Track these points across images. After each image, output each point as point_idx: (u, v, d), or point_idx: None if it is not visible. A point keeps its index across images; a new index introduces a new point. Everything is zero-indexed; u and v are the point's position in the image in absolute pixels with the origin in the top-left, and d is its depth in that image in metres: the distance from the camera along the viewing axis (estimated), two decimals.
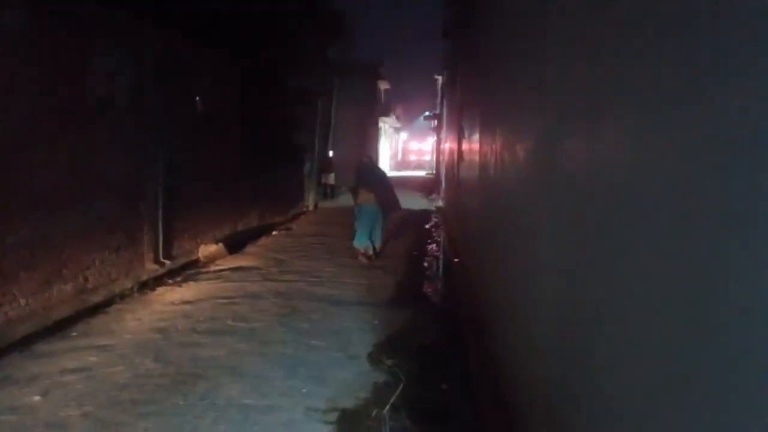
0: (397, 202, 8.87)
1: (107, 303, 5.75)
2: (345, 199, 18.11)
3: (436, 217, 14.33)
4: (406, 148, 50.04)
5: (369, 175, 8.68)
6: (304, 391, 3.87)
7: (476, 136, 6.21)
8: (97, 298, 5.72)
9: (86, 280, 5.79)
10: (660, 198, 1.22)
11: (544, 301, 2.33)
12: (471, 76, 7.51)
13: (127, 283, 6.30)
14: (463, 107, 8.96)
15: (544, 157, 2.41)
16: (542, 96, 2.53)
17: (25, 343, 4.56)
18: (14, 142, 4.72)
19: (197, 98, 8.38)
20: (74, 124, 5.52)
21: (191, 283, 6.89)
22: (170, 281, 6.91)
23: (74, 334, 4.92)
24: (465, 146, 8.18)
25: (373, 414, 3.55)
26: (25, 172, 4.87)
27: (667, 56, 1.21)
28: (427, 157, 45.08)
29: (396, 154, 42.01)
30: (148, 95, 6.85)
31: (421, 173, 38.96)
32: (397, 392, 3.85)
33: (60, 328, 4.96)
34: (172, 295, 6.27)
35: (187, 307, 5.79)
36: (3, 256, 4.64)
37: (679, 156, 1.14)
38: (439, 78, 24.72)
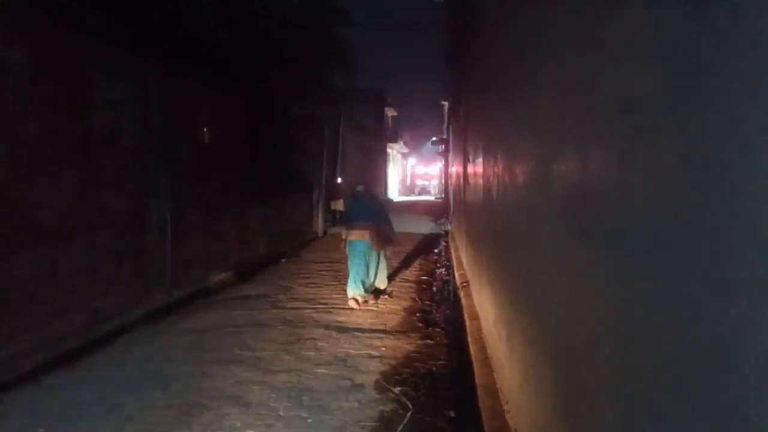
0: (393, 237, 7.78)
1: (116, 334, 5.76)
2: None
3: (444, 242, 14.30)
4: (414, 173, 49.71)
5: (364, 206, 7.53)
6: (309, 420, 3.83)
7: (480, 161, 6.24)
8: (105, 329, 5.73)
9: (95, 311, 5.82)
10: (644, 214, 1.22)
11: (542, 324, 2.31)
12: (473, 103, 7.58)
13: (136, 313, 6.32)
14: (468, 132, 9.02)
15: (541, 180, 2.42)
16: (539, 121, 2.55)
17: (33, 375, 4.56)
18: (20, 176, 4.81)
19: (203, 128, 8.51)
20: (79, 157, 5.62)
21: (200, 312, 6.89)
22: (179, 310, 6.92)
23: (82, 365, 4.92)
24: (470, 170, 8.20)
25: None
26: (31, 205, 4.95)
27: (648, 88, 1.23)
28: (434, 182, 44.67)
29: (405, 179, 42.07)
30: (153, 127, 6.97)
31: (428, 197, 38.68)
32: (404, 421, 3.80)
33: (68, 360, 4.97)
34: (180, 325, 6.27)
35: (195, 336, 5.78)
36: (10, 289, 4.68)
37: (661, 175, 1.15)
38: (446, 103, 24.92)
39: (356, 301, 7.08)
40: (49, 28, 5.19)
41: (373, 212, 7.48)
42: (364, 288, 7.20)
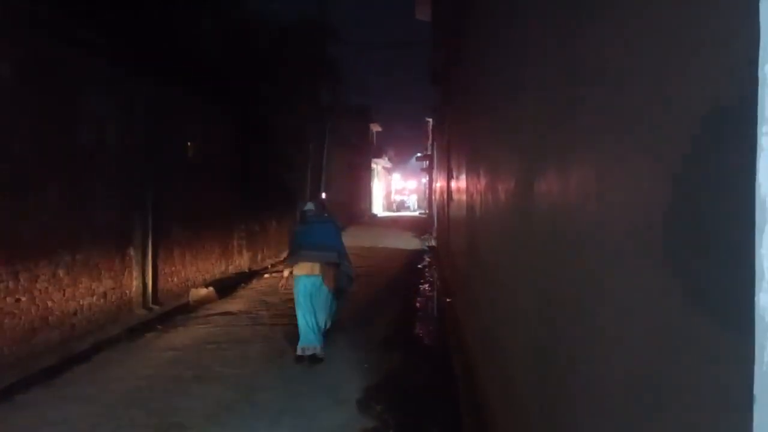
0: (352, 274, 6.12)
1: (94, 350, 5.65)
2: None
3: (428, 257, 14.32)
4: (393, 188, 48.71)
5: (316, 230, 5.64)
6: None
7: (463, 177, 6.30)
8: (84, 345, 5.62)
9: (72, 327, 5.71)
10: (619, 232, 1.25)
11: (520, 342, 2.33)
12: (458, 120, 7.67)
13: (115, 330, 6.22)
14: (451, 149, 9.10)
15: (521, 197, 2.45)
16: (519, 139, 2.59)
17: (7, 392, 4.45)
18: (1, 189, 4.74)
19: (190, 142, 8.47)
20: (63, 170, 5.56)
21: (180, 328, 6.80)
22: (159, 327, 6.81)
23: (58, 383, 4.82)
24: (454, 187, 8.27)
25: None
26: (11, 219, 4.87)
27: (623, 110, 1.26)
28: (413, 197, 41.29)
29: (389, 194, 42.01)
30: (138, 141, 6.93)
31: (408, 213, 36.74)
32: None
33: (44, 377, 4.86)
34: (160, 342, 6.18)
35: (175, 353, 5.70)
36: None
37: (635, 192, 1.18)
38: (430, 120, 25.14)
39: (308, 359, 5.34)
40: (36, 40, 5.15)
41: (329, 238, 5.67)
42: (317, 340, 5.45)
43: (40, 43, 5.23)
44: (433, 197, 20.11)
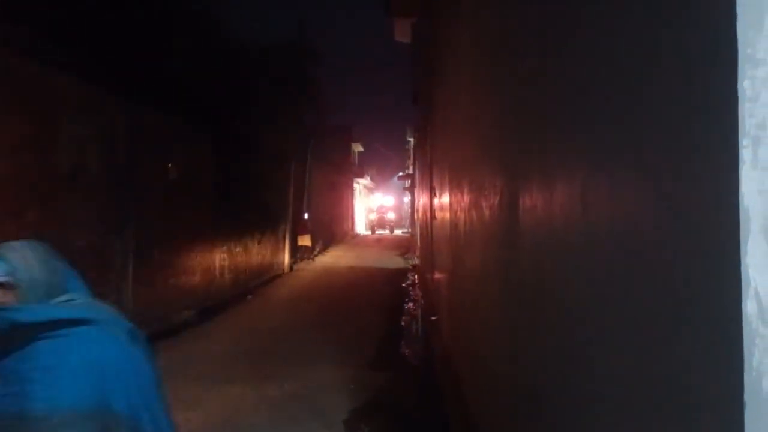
0: None
1: None
2: (321, 260, 18.03)
3: (412, 276, 14.32)
4: (379, 207, 47.34)
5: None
6: None
7: (446, 195, 6.34)
8: None
9: None
10: (605, 249, 1.27)
11: (503, 359, 2.33)
12: (439, 138, 7.75)
13: None
14: (434, 168, 9.18)
15: (506, 212, 2.48)
16: (502, 154, 2.63)
17: None
18: None
19: (170, 164, 8.41)
20: (41, 192, 5.47)
21: (161, 354, 6.66)
22: None
23: None
24: (437, 205, 8.31)
25: None
26: None
27: (605, 120, 1.29)
28: (391, 215, 38.53)
29: (370, 213, 41.91)
30: (118, 163, 6.86)
31: (385, 232, 35.14)
32: None
33: None
34: None
35: None
36: None
37: (621, 203, 1.20)
38: (411, 140, 25.35)
39: None
40: (14, 62, 5.10)
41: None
42: None
43: (19, 65, 5.19)
44: (416, 216, 20.18)
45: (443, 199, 6.90)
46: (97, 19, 6.65)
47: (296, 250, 17.00)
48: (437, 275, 8.20)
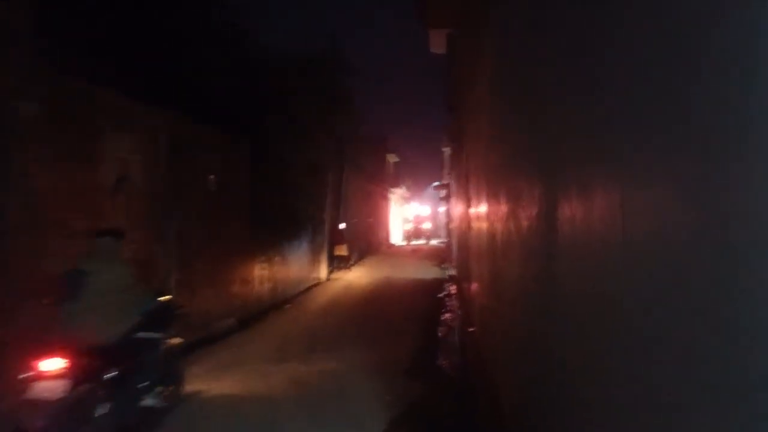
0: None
1: None
2: (357, 271, 18.12)
3: (448, 286, 14.22)
4: (416, 217, 46.50)
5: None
6: None
7: (482, 205, 6.30)
8: None
9: None
10: (648, 254, 1.25)
11: (543, 370, 2.30)
12: (475, 147, 7.72)
13: None
14: (469, 177, 9.13)
15: (543, 223, 2.45)
16: (540, 164, 2.61)
17: None
18: (29, 224, 4.86)
19: (209, 175, 8.63)
20: (87, 204, 5.69)
21: (204, 358, 6.81)
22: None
23: None
24: (473, 214, 8.26)
25: None
26: (40, 253, 4.97)
27: (646, 128, 1.27)
28: (427, 225, 38.19)
29: (406, 223, 41.79)
30: (160, 174, 7.08)
31: (421, 242, 34.76)
32: None
33: None
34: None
35: (197, 385, 5.70)
36: (12, 339, 4.65)
37: (663, 213, 1.18)
38: (446, 149, 25.29)
39: None
40: (60, 79, 5.35)
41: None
42: None
43: (65, 81, 5.43)
44: (452, 225, 20.08)
45: (480, 209, 6.86)
46: (138, 36, 6.92)
47: (333, 260, 17.14)
48: (474, 285, 8.13)
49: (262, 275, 10.88)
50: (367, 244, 24.51)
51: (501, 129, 4.30)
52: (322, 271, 15.73)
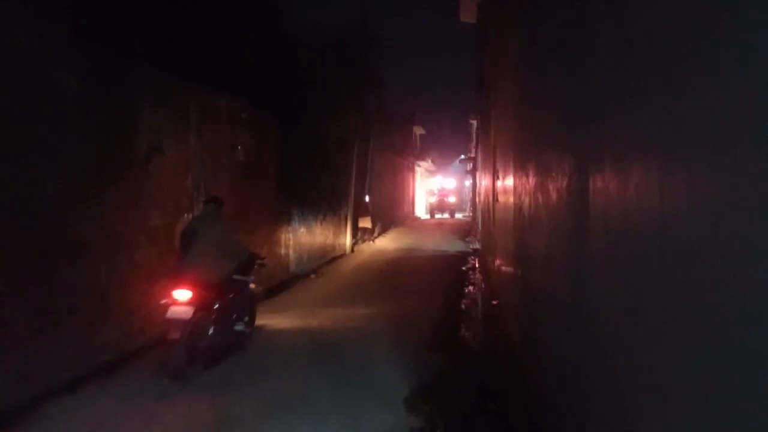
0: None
1: (150, 346, 5.87)
2: (381, 243, 18.21)
3: (472, 260, 14.23)
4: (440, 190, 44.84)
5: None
6: None
7: (510, 178, 6.24)
8: (138, 342, 5.85)
9: (131, 325, 5.94)
10: (682, 232, 1.23)
11: (570, 344, 2.30)
12: (504, 120, 7.60)
13: None
14: (497, 150, 9.02)
15: (575, 197, 2.42)
16: (572, 137, 2.56)
17: (70, 386, 4.64)
18: (67, 194, 4.99)
19: (239, 147, 8.71)
20: (122, 176, 5.80)
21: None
22: None
23: (118, 377, 5.03)
24: (500, 188, 8.19)
25: None
26: (77, 222, 5.11)
27: (687, 104, 1.24)
28: (452, 198, 36.83)
29: (431, 196, 41.49)
30: (191, 145, 7.17)
31: (445, 215, 34.13)
32: None
33: (105, 371, 5.06)
34: None
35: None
36: (53, 302, 4.83)
37: (701, 191, 1.15)
38: (474, 122, 24.96)
39: None
40: (96, 52, 5.41)
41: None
42: None
43: (100, 54, 5.48)
44: (478, 199, 19.96)
45: (507, 182, 6.79)
46: (170, 10, 6.94)
47: (357, 232, 17.24)
48: (499, 259, 8.11)
49: (288, 245, 11.02)
50: (392, 216, 24.55)
51: (533, 101, 4.22)
52: (347, 243, 15.86)
